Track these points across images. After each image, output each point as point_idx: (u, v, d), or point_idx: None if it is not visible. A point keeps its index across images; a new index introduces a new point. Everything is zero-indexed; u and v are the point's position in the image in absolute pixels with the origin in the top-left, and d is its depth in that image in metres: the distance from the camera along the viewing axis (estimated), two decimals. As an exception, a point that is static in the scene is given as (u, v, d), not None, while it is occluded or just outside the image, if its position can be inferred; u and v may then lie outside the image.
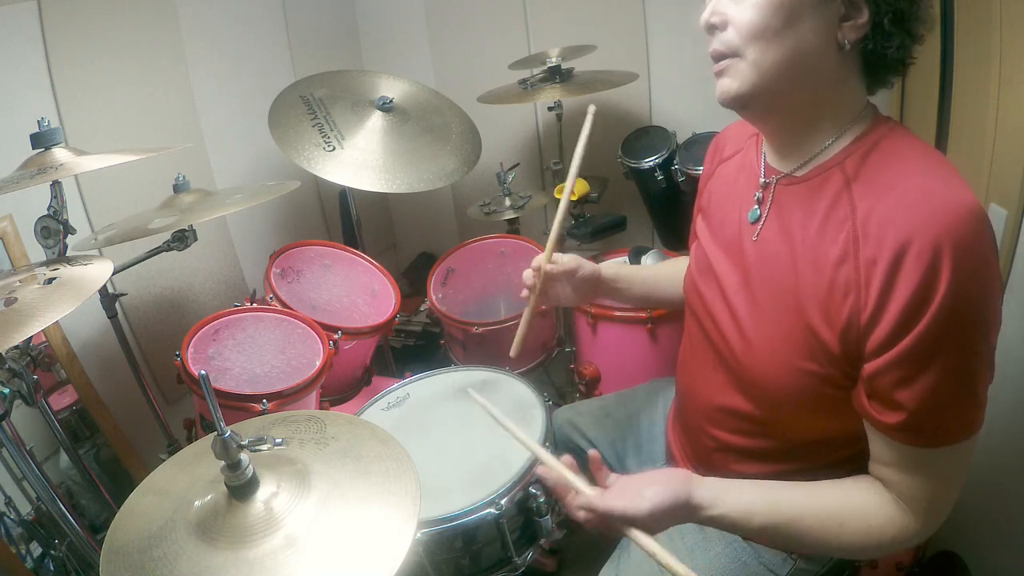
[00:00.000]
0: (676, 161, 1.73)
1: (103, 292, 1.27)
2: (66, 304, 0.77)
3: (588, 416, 1.23)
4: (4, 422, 0.92)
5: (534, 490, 0.98)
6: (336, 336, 1.37)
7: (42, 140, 1.01)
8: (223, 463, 0.70)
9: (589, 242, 1.89)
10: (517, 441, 0.85)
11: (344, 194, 1.87)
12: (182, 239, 1.31)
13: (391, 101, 1.70)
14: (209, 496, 0.74)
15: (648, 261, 1.66)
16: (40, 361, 1.01)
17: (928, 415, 0.66)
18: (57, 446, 1.35)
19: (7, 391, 0.90)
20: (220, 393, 1.13)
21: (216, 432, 0.69)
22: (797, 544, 0.78)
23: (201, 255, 1.74)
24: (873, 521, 0.72)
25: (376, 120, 1.67)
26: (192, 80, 1.72)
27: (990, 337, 0.67)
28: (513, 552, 0.99)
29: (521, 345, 1.07)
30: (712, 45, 0.74)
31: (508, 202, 1.84)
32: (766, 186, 0.82)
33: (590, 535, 1.30)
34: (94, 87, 1.47)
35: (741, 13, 0.70)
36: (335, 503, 0.74)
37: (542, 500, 0.98)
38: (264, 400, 1.16)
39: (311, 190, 2.18)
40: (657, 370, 1.47)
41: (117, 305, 1.33)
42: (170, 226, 1.21)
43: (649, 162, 1.77)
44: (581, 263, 1.07)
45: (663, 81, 2.04)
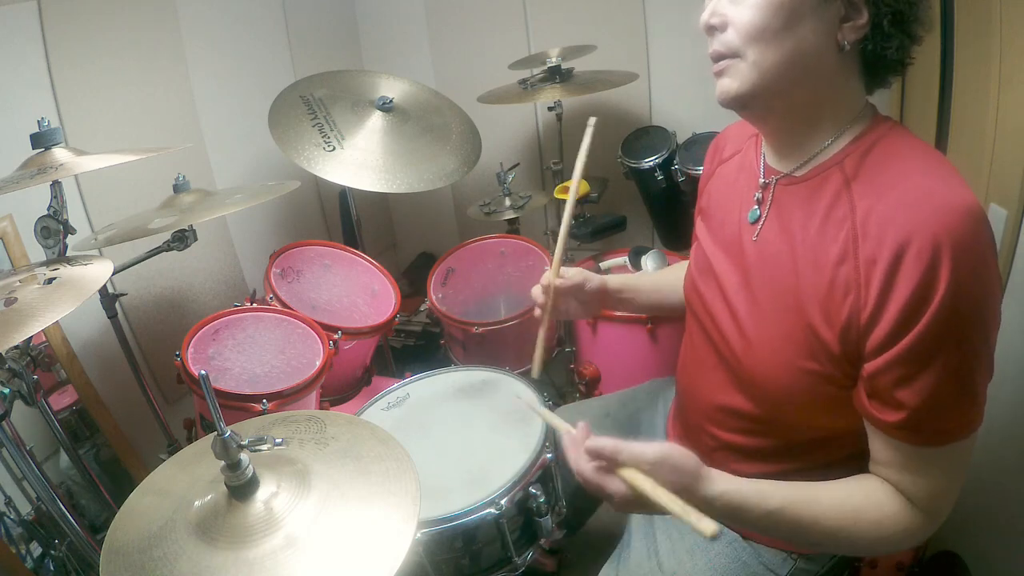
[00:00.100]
0: (676, 161, 1.73)
1: (103, 292, 1.27)
2: (66, 304, 0.77)
3: (588, 416, 1.23)
4: (4, 422, 0.92)
5: (534, 490, 0.98)
6: (336, 336, 1.37)
7: (42, 140, 1.01)
8: (223, 463, 0.70)
9: (589, 242, 1.89)
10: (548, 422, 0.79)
11: (344, 194, 1.87)
12: (182, 239, 1.31)
13: (391, 101, 1.70)
14: (209, 496, 0.74)
15: (648, 261, 1.66)
16: (40, 361, 1.01)
17: (928, 414, 0.66)
18: (57, 446, 1.35)
19: (7, 391, 0.90)
20: (220, 393, 1.13)
21: (216, 432, 0.69)
22: (808, 534, 0.73)
23: (201, 255, 1.74)
24: (887, 510, 0.71)
25: (376, 120, 1.67)
26: (192, 80, 1.72)
27: (990, 336, 0.67)
28: (513, 552, 0.99)
29: (541, 366, 1.04)
30: (712, 46, 0.74)
31: (508, 202, 1.84)
32: (765, 186, 0.83)
33: (590, 535, 1.31)
34: (94, 87, 1.47)
35: (741, 14, 0.70)
36: (335, 503, 0.74)
37: (542, 500, 0.98)
38: (264, 400, 1.17)
39: (311, 190, 2.18)
40: (657, 370, 1.47)
41: (117, 305, 1.33)
42: (170, 226, 1.21)
43: (649, 162, 1.77)
44: (588, 276, 1.06)
45: (663, 81, 2.04)
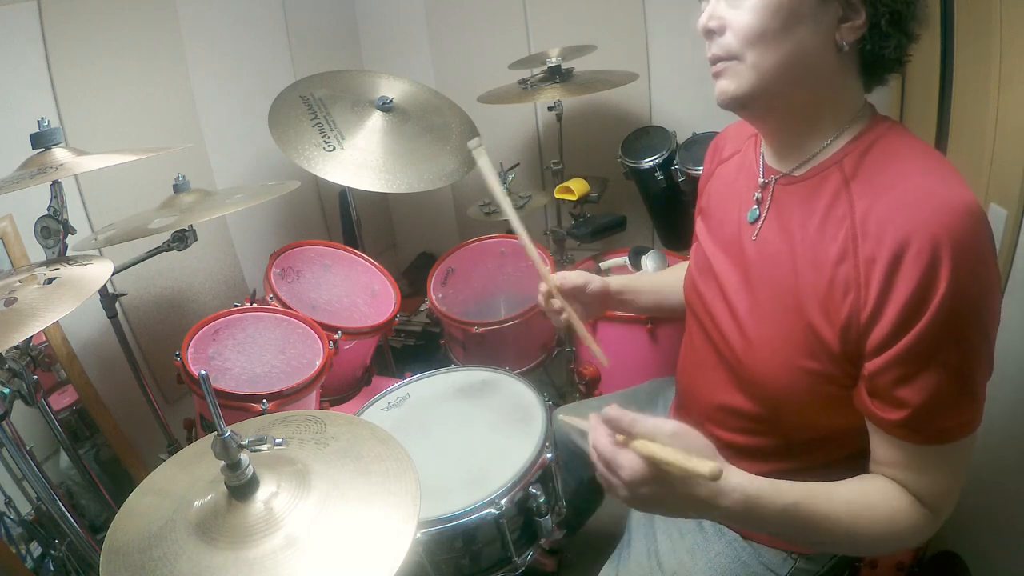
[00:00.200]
0: (676, 161, 1.73)
1: (103, 292, 1.27)
2: (66, 304, 0.77)
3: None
4: (4, 422, 0.92)
5: (534, 490, 0.98)
6: (336, 336, 1.37)
7: (42, 140, 1.01)
8: (223, 463, 0.70)
9: (589, 242, 1.89)
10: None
11: (344, 194, 1.87)
12: (182, 239, 1.31)
13: (391, 101, 1.70)
14: (209, 496, 0.74)
15: (648, 261, 1.66)
16: (40, 361, 1.01)
17: (930, 412, 0.66)
18: (57, 446, 1.35)
19: (7, 391, 0.90)
20: (220, 393, 1.13)
21: (216, 432, 0.69)
22: (821, 532, 0.70)
23: (201, 255, 1.74)
24: (898, 506, 0.70)
25: (376, 120, 1.67)
26: (192, 80, 1.72)
27: (989, 334, 0.67)
28: (513, 552, 0.99)
29: (599, 351, 1.03)
30: (711, 50, 0.74)
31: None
32: (765, 186, 0.83)
33: (590, 535, 1.31)
34: (94, 87, 1.47)
35: (739, 17, 0.70)
36: (335, 503, 0.74)
37: (542, 500, 0.98)
38: (264, 400, 1.17)
39: (311, 190, 2.18)
40: (657, 370, 1.47)
41: (117, 305, 1.33)
42: (170, 226, 1.21)
43: (649, 162, 1.77)
44: (589, 279, 1.06)
45: (663, 81, 2.04)
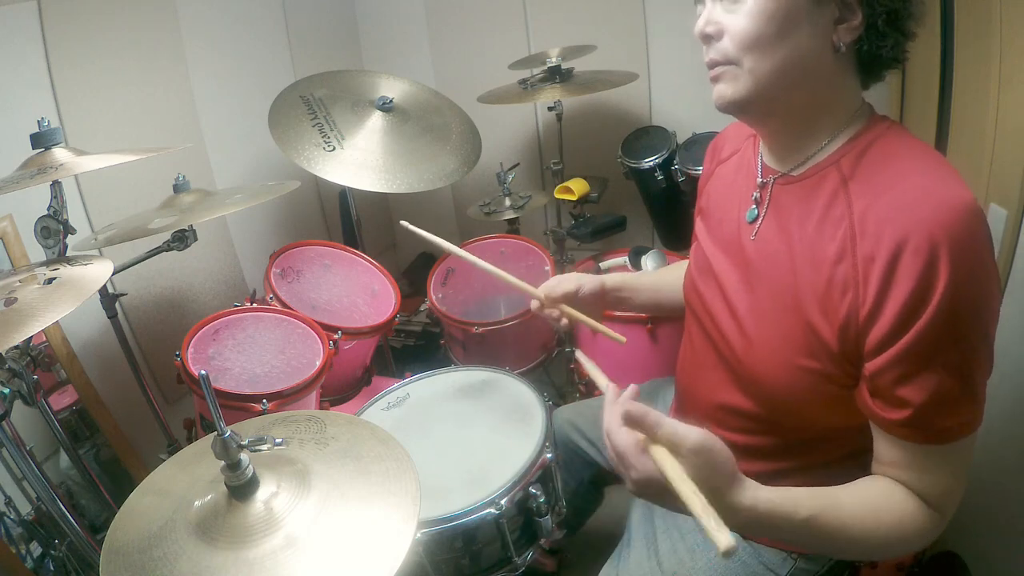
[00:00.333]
0: (676, 161, 1.73)
1: (103, 292, 1.27)
2: (66, 304, 0.77)
3: (588, 416, 1.23)
4: (4, 422, 0.92)
5: (534, 490, 0.98)
6: (336, 336, 1.37)
7: (42, 140, 1.01)
8: (223, 463, 0.70)
9: (589, 242, 1.89)
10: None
11: (344, 194, 1.87)
12: (182, 239, 1.31)
13: (391, 101, 1.70)
14: (209, 496, 0.74)
15: (648, 261, 1.66)
16: (40, 361, 1.01)
17: (932, 411, 0.66)
18: (57, 446, 1.35)
19: (7, 391, 0.90)
20: (220, 393, 1.13)
21: (216, 432, 0.69)
22: (835, 543, 0.70)
23: (201, 255, 1.74)
24: (905, 509, 0.70)
25: (376, 120, 1.67)
26: (192, 80, 1.72)
27: (989, 333, 0.67)
28: (513, 552, 0.99)
29: (612, 332, 1.04)
30: (708, 55, 0.74)
31: (508, 202, 1.84)
32: (763, 186, 0.83)
33: (590, 535, 1.31)
34: (94, 87, 1.47)
35: (736, 23, 0.70)
36: (335, 503, 0.74)
37: (542, 500, 0.98)
38: (264, 400, 1.17)
39: (311, 190, 2.18)
40: (657, 370, 1.47)
41: (117, 305, 1.33)
42: (170, 226, 1.21)
43: (649, 162, 1.77)
44: (581, 283, 1.06)
45: (663, 81, 2.04)
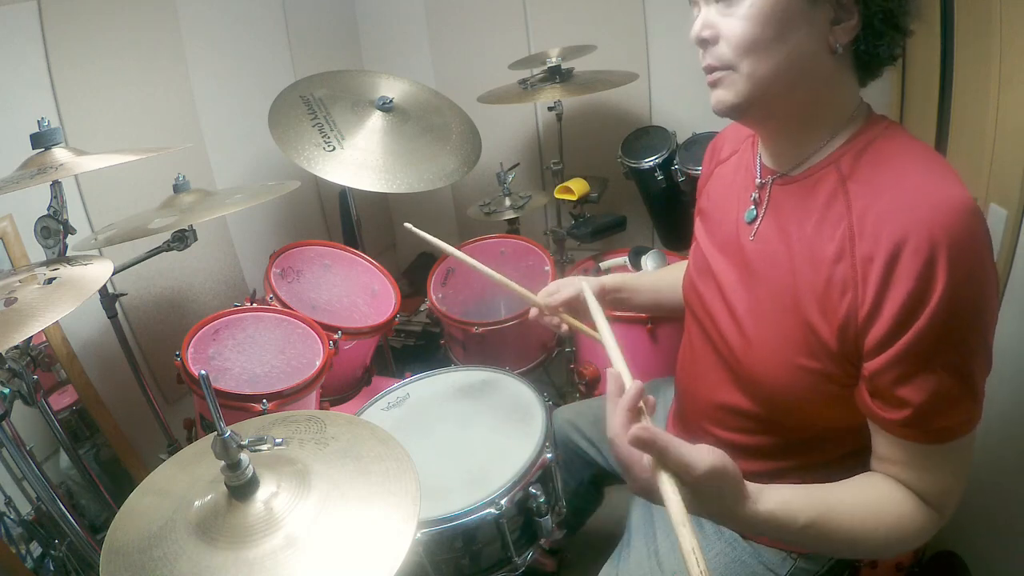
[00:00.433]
0: (676, 161, 1.73)
1: (103, 292, 1.27)
2: (66, 304, 0.77)
3: (588, 416, 1.23)
4: (4, 422, 0.92)
5: (534, 490, 0.98)
6: (336, 336, 1.37)
7: (42, 140, 1.01)
8: (223, 463, 0.70)
9: (589, 242, 1.89)
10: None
11: (344, 194, 1.87)
12: (182, 239, 1.31)
13: (391, 101, 1.70)
14: (209, 496, 0.74)
15: (648, 261, 1.66)
16: (40, 361, 1.01)
17: (932, 411, 0.66)
18: (57, 446, 1.35)
19: (7, 391, 0.90)
20: (220, 393, 1.13)
21: (216, 432, 0.69)
22: (835, 544, 0.71)
23: (201, 255, 1.74)
24: (904, 508, 0.70)
25: (376, 120, 1.67)
26: (192, 80, 1.72)
27: (987, 332, 0.67)
28: (513, 552, 0.99)
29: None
30: (705, 60, 0.74)
31: (508, 202, 1.84)
32: (762, 186, 0.83)
33: (590, 535, 1.31)
34: (94, 87, 1.47)
35: (732, 27, 0.70)
36: (335, 503, 0.74)
37: (542, 500, 0.98)
38: (264, 400, 1.17)
39: (311, 190, 2.18)
40: (657, 370, 1.47)
41: (117, 305, 1.33)
42: (170, 226, 1.21)
43: (649, 162, 1.77)
44: (579, 288, 1.05)
45: (663, 81, 2.04)
